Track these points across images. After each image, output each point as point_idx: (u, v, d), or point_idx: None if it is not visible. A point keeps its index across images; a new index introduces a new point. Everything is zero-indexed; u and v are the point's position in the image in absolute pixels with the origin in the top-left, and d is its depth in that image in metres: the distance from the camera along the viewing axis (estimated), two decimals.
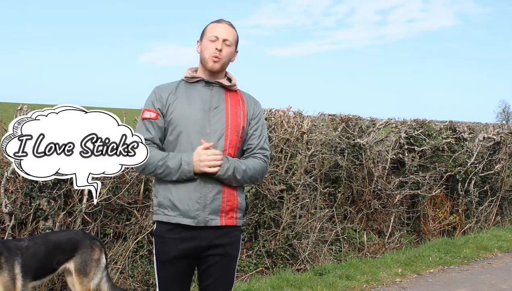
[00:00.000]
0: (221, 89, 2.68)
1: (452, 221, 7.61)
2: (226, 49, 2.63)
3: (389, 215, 6.93)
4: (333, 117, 6.97)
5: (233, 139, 2.61)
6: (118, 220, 4.79)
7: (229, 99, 2.66)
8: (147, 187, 4.97)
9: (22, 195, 4.21)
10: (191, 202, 2.55)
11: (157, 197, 2.65)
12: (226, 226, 2.62)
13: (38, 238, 3.74)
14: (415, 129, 7.58)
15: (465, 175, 7.73)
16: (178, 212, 2.57)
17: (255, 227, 5.68)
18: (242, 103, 2.69)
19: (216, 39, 2.62)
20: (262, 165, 2.69)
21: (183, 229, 2.58)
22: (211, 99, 2.63)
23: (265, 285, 4.87)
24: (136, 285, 4.60)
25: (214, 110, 2.61)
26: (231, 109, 2.64)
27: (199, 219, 2.56)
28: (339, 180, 6.55)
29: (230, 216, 2.63)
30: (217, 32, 2.63)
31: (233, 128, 2.61)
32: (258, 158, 2.69)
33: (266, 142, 2.74)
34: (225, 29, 2.65)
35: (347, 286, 5.16)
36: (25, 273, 3.49)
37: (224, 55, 2.63)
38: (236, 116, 2.63)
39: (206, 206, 2.56)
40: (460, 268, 6.07)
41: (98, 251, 3.73)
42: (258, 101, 2.79)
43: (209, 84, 2.66)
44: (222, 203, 2.59)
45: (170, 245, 2.60)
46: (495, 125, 9.36)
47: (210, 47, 2.62)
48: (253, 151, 2.69)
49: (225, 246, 2.62)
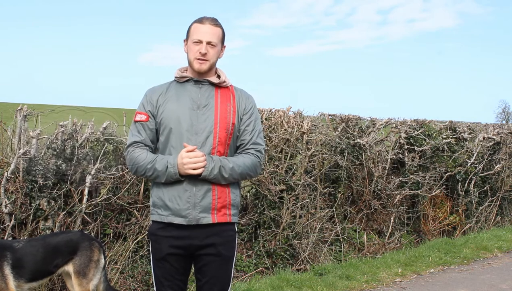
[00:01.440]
0: (211, 87, 2.68)
1: (452, 221, 7.61)
2: (211, 51, 2.62)
3: (389, 215, 6.93)
4: (333, 117, 6.97)
5: (222, 136, 2.61)
6: (118, 220, 4.79)
7: (219, 96, 2.66)
8: (147, 187, 4.97)
9: (22, 195, 4.21)
10: (181, 201, 2.58)
11: (152, 197, 2.70)
12: (219, 223, 2.63)
13: (36, 240, 3.73)
14: (415, 129, 7.58)
15: (465, 175, 7.73)
16: (170, 212, 2.60)
17: (255, 227, 5.68)
18: (232, 99, 2.69)
19: (199, 42, 2.61)
20: (254, 161, 2.68)
21: (175, 227, 2.60)
22: (200, 97, 2.64)
23: (265, 285, 4.87)
24: (136, 285, 4.61)
25: (203, 109, 2.62)
26: (220, 106, 2.64)
27: (190, 218, 2.58)
28: (339, 180, 6.55)
29: (222, 213, 2.63)
30: (200, 35, 2.61)
31: (222, 125, 2.61)
32: (250, 154, 2.68)
33: (259, 137, 2.73)
34: (208, 30, 2.62)
35: (347, 286, 5.16)
36: (17, 273, 3.47)
37: (210, 56, 2.62)
38: (225, 113, 2.64)
39: (196, 204, 2.58)
40: (460, 268, 6.07)
41: (97, 252, 3.73)
42: (251, 96, 2.78)
43: (198, 82, 2.67)
44: (213, 200, 2.60)
45: (162, 243, 2.64)
46: (495, 126, 9.36)
47: (194, 50, 2.62)
48: (245, 146, 2.69)
49: (217, 245, 2.63)
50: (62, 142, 4.47)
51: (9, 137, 4.54)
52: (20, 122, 4.41)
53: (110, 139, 4.79)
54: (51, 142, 4.45)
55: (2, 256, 3.45)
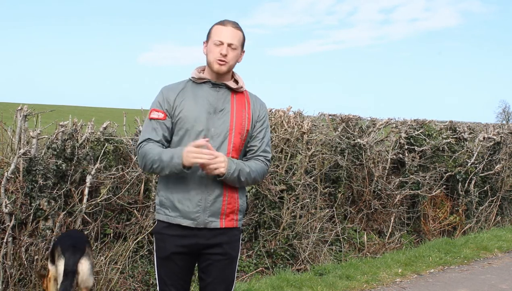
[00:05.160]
0: (228, 91, 2.67)
1: (452, 221, 7.61)
2: (231, 53, 2.62)
3: (389, 215, 6.93)
4: (333, 117, 6.97)
5: (236, 142, 2.61)
6: (118, 220, 4.79)
7: (235, 101, 2.66)
8: (147, 187, 4.97)
9: (22, 195, 4.21)
10: (191, 204, 2.57)
11: (159, 196, 2.68)
12: (226, 228, 2.63)
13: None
14: (415, 129, 7.58)
15: (465, 175, 7.73)
16: (178, 213, 2.59)
17: (255, 227, 5.68)
18: (248, 105, 2.69)
19: (221, 43, 2.60)
20: (263, 168, 2.71)
21: (181, 227, 2.60)
22: (217, 101, 2.63)
23: (265, 285, 4.87)
24: (136, 285, 4.60)
25: (220, 113, 2.61)
26: (236, 112, 2.63)
27: (198, 221, 2.58)
28: (339, 180, 6.55)
29: (230, 218, 2.64)
30: (222, 37, 2.61)
31: (237, 131, 2.61)
32: (260, 161, 2.69)
33: (268, 145, 2.75)
34: (230, 33, 2.62)
35: (347, 286, 5.16)
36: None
37: (230, 58, 2.61)
38: (241, 119, 2.63)
39: (206, 209, 2.57)
40: (460, 268, 6.07)
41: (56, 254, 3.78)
42: (264, 104, 2.78)
43: (216, 86, 2.66)
44: (223, 206, 2.60)
45: (168, 241, 2.63)
46: (495, 126, 9.37)
47: (215, 51, 2.61)
48: (255, 153, 2.70)
49: (224, 245, 2.63)
50: (62, 142, 4.47)
51: (9, 137, 4.54)
52: (20, 122, 4.41)
53: (110, 139, 4.79)
54: (51, 142, 4.45)
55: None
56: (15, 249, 4.18)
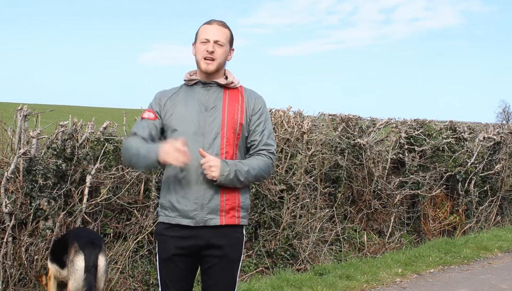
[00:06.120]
0: (219, 89, 2.68)
1: (452, 221, 7.61)
2: (218, 50, 2.63)
3: (389, 215, 6.93)
4: (333, 117, 6.97)
5: (230, 137, 2.61)
6: (118, 220, 4.79)
7: (227, 97, 2.66)
8: (147, 187, 4.97)
9: (22, 195, 4.21)
10: (189, 203, 2.57)
11: (160, 198, 2.71)
12: (227, 225, 2.62)
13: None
14: (415, 129, 7.58)
15: (465, 175, 7.73)
16: (178, 213, 2.60)
17: (255, 227, 5.68)
18: (241, 100, 2.69)
19: (207, 41, 2.63)
20: (267, 162, 2.67)
21: (181, 227, 2.60)
22: (208, 99, 2.64)
23: (265, 285, 4.87)
24: (136, 285, 4.61)
25: (211, 111, 2.62)
26: (228, 107, 2.64)
27: (197, 219, 2.57)
28: (339, 180, 6.55)
29: (231, 215, 2.62)
30: (208, 35, 2.64)
31: (229, 126, 2.61)
32: (263, 155, 2.67)
33: (270, 138, 2.72)
34: (216, 30, 2.64)
35: (347, 286, 5.16)
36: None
37: (217, 55, 2.63)
38: (233, 113, 2.63)
39: (204, 206, 2.57)
40: (460, 268, 6.07)
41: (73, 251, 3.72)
42: (261, 97, 2.76)
43: (206, 85, 2.67)
44: (221, 202, 2.59)
45: (169, 243, 2.63)
46: (495, 125, 9.37)
47: (201, 49, 2.64)
48: (257, 147, 2.68)
49: (223, 247, 2.62)
50: (62, 142, 4.47)
51: (9, 137, 4.54)
52: (20, 122, 4.41)
53: (110, 139, 4.79)
54: (51, 142, 4.45)
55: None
56: (15, 249, 4.19)
